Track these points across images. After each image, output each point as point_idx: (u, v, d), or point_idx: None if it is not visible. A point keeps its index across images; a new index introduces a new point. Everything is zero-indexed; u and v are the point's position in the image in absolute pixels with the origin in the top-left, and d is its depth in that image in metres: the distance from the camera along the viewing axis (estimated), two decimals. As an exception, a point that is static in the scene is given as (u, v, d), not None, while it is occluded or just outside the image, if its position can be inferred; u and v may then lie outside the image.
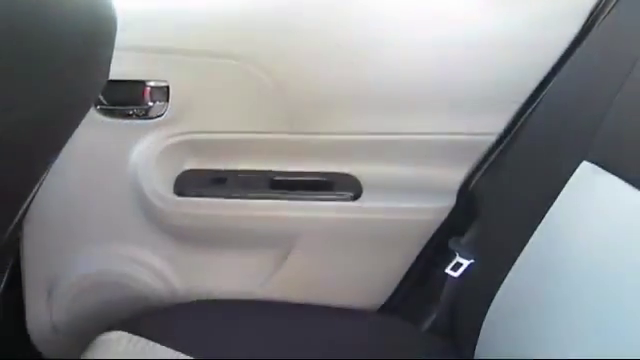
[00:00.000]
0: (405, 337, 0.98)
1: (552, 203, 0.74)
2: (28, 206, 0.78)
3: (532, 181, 0.81)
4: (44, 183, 0.77)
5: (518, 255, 0.77)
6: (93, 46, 0.66)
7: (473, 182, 0.99)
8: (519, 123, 0.94)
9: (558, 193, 0.74)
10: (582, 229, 0.69)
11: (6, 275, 0.90)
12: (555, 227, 0.73)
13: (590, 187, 0.71)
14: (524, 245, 0.76)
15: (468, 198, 0.99)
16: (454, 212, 0.99)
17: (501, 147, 0.96)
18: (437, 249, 1.01)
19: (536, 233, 0.75)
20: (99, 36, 0.67)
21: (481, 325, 0.81)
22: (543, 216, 0.75)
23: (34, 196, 0.77)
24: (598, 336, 0.62)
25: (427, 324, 1.01)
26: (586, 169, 0.72)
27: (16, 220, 0.75)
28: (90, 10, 0.65)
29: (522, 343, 0.72)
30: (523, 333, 0.73)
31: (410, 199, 1.00)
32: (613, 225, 0.65)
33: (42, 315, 1.08)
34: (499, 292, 0.78)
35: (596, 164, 0.71)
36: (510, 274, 0.77)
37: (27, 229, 0.97)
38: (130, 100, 0.95)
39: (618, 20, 0.81)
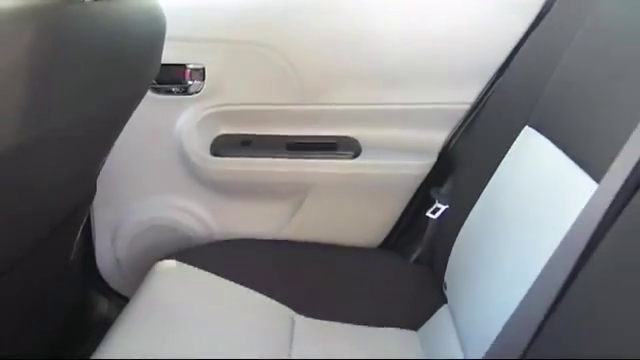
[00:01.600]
0: (397, 268, 1.19)
1: (501, 160, 0.93)
2: (102, 165, 1.00)
3: (491, 142, 1.00)
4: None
5: (476, 201, 0.96)
6: (151, 47, 0.86)
7: (451, 144, 1.18)
8: (487, 95, 1.12)
9: (506, 152, 0.93)
10: (518, 180, 0.88)
11: (84, 221, 1.12)
12: (501, 178, 0.92)
13: (528, 147, 0.89)
14: (480, 193, 0.96)
15: (447, 156, 1.18)
16: (435, 168, 1.19)
17: (473, 115, 1.14)
18: (422, 197, 1.21)
19: (489, 183, 0.94)
20: (155, 39, 0.87)
21: (449, 255, 1.01)
22: (494, 171, 0.94)
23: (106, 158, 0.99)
24: (520, 258, 0.81)
25: (414, 257, 1.21)
26: (527, 132, 0.90)
27: (95, 177, 0.98)
28: (147, 17, 0.85)
29: (473, 265, 0.93)
30: (474, 258, 0.93)
31: (400, 157, 1.19)
32: (540, 177, 0.84)
33: (108, 252, 1.31)
34: (462, 229, 0.99)
35: (534, 128, 0.89)
36: (470, 215, 0.97)
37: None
38: (173, 80, 1.16)
39: (561, 12, 0.98)
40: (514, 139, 0.92)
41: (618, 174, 0.61)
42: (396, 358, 0.97)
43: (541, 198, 0.79)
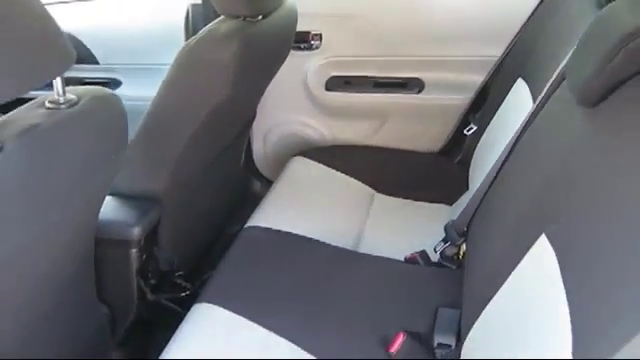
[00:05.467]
0: (446, 166, 1.73)
1: (503, 102, 1.42)
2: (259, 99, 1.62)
3: (503, 86, 1.47)
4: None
5: (490, 121, 1.46)
6: (292, 32, 1.43)
7: (486, 83, 1.66)
8: (509, 52, 1.58)
9: (508, 94, 1.41)
10: (507, 109, 1.37)
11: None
12: (501, 110, 1.41)
13: (516, 94, 1.36)
14: (493, 117, 1.46)
15: (482, 93, 1.67)
16: (475, 100, 1.68)
17: (499, 65, 1.61)
18: (464, 120, 1.71)
19: (496, 114, 1.44)
20: (293, 26, 1.44)
21: (473, 154, 1.53)
22: (500, 105, 1.43)
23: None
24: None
25: (457, 159, 1.74)
26: (519, 83, 1.37)
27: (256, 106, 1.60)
28: (290, 16, 1.41)
29: (480, 163, 1.43)
30: (482, 159, 1.44)
31: (450, 92, 1.70)
32: (515, 106, 1.31)
33: (260, 150, 1.95)
34: (480, 141, 1.50)
35: (522, 78, 1.36)
36: (485, 132, 1.48)
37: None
38: (302, 41, 1.72)
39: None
40: (511, 86, 1.40)
41: (538, 102, 1.10)
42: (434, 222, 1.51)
43: (513, 121, 1.28)
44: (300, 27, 1.57)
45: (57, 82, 0.82)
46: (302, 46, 1.73)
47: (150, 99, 1.26)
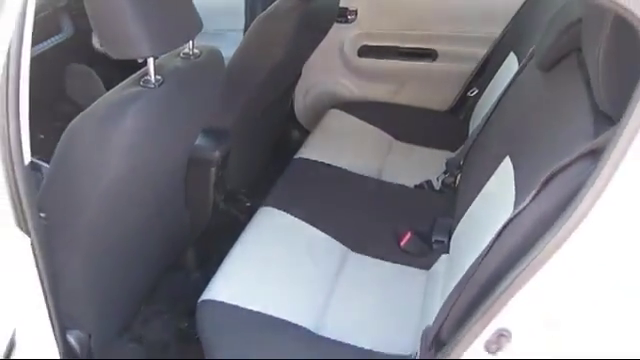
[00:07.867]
0: (452, 122, 2.10)
1: (495, 74, 1.78)
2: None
3: (500, 59, 1.83)
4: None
5: (488, 86, 1.83)
6: (335, 7, 1.80)
7: (488, 55, 2.02)
8: (505, 32, 1.94)
9: (502, 64, 1.78)
10: (501, 82, 1.73)
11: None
12: (495, 78, 1.78)
13: (508, 64, 1.72)
14: (490, 82, 1.82)
15: (484, 62, 2.03)
16: (480, 68, 2.04)
17: (498, 41, 1.97)
18: (469, 85, 2.08)
19: (492, 80, 1.80)
20: (337, 3, 1.81)
21: (472, 113, 1.90)
22: (495, 74, 1.79)
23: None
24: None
25: (462, 116, 2.11)
26: (511, 56, 1.74)
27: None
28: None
29: (477, 117, 1.81)
30: (478, 116, 1.82)
31: (460, 61, 2.06)
32: (505, 75, 1.68)
33: (301, 104, 2.33)
34: (478, 102, 1.87)
35: (514, 53, 1.72)
36: (483, 94, 1.85)
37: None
38: (341, 15, 2.08)
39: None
40: (503, 60, 1.76)
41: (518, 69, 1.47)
42: (439, 163, 1.89)
43: (502, 85, 1.64)
44: (340, 4, 1.94)
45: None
46: (341, 20, 2.10)
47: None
